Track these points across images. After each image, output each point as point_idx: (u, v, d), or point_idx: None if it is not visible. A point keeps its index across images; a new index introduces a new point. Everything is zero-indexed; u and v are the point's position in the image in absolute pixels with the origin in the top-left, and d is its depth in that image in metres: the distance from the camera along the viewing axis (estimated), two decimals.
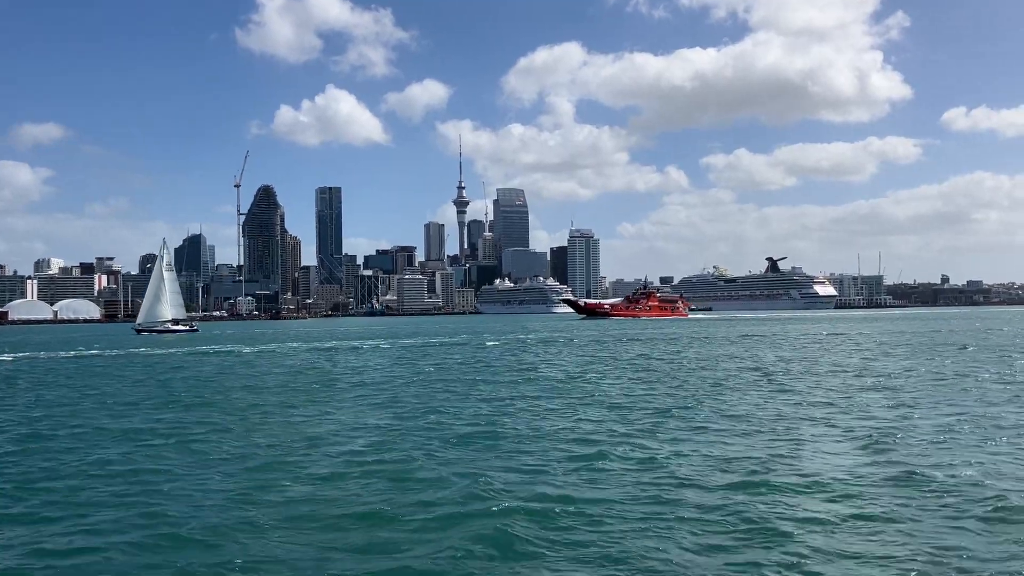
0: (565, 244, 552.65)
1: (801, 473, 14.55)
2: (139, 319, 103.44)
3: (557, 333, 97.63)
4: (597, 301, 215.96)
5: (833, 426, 19.89)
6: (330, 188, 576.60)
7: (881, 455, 16.02)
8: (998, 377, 31.77)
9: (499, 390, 30.12)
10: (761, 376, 34.10)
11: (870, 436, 18.08)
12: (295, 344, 77.59)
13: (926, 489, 13.17)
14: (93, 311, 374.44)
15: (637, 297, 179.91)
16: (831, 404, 24.15)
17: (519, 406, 25.08)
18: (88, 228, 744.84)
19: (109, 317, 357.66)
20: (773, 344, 64.00)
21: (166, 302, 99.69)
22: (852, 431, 18.93)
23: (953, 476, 13.98)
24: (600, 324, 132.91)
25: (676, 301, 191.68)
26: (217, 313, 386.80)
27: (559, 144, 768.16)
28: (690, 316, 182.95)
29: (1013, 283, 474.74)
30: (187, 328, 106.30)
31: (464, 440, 18.74)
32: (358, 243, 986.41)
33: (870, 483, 13.70)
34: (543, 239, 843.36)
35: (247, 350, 66.40)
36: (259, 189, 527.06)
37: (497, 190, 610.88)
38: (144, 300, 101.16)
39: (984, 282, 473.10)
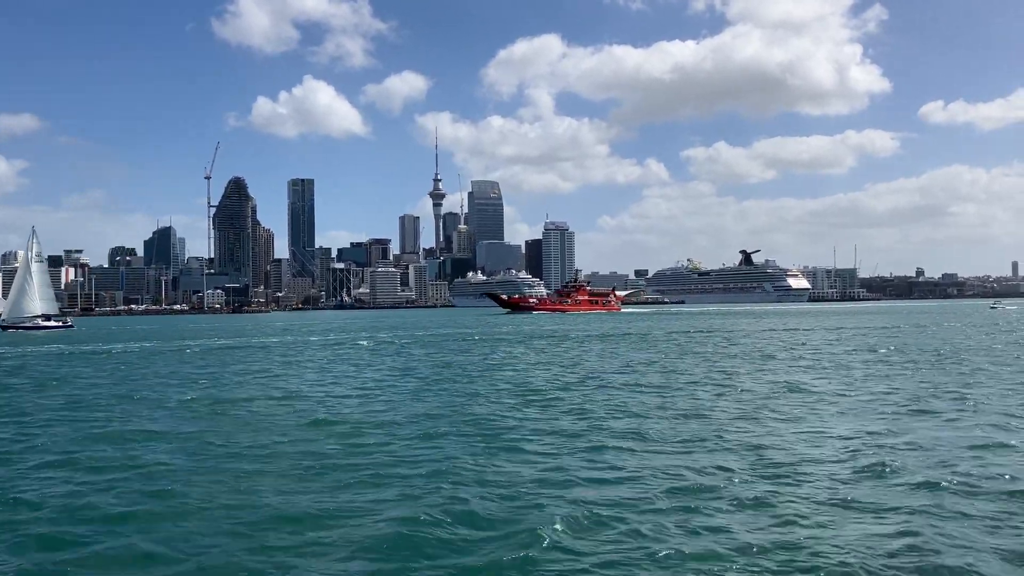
0: (540, 237, 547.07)
1: None
2: (3, 315, 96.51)
3: (443, 330, 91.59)
4: (522, 295, 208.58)
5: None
6: (303, 180, 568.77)
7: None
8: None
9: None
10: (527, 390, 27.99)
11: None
12: (140, 344, 71.13)
13: None
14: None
15: (568, 290, 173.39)
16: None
17: None
18: (65, 220, 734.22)
19: (65, 312, 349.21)
20: (658, 343, 57.99)
21: (34, 296, 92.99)
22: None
23: None
24: (516, 320, 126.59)
25: (608, 294, 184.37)
26: (178, 306, 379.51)
27: (539, 137, 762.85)
28: (623, 310, 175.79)
29: (988, 276, 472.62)
30: (59, 324, 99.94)
31: None
32: (337, 236, 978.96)
33: None
34: (523, 232, 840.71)
35: (58, 350, 59.90)
36: (229, 181, 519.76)
37: (472, 182, 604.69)
38: (9, 294, 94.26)
39: (959, 275, 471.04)
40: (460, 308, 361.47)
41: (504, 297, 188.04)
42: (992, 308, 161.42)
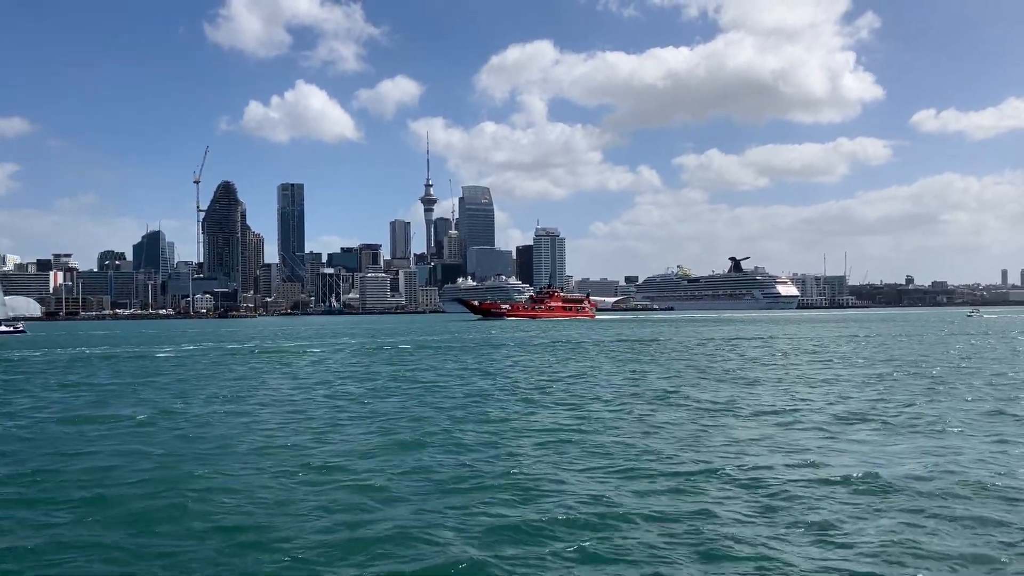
0: (531, 243, 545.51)
1: None
2: None
3: (409, 336, 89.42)
4: (493, 301, 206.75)
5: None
6: (292, 185, 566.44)
7: None
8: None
9: None
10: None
11: None
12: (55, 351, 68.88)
13: None
14: (34, 309, 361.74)
15: (541, 297, 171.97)
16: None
17: None
18: (55, 224, 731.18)
19: (50, 315, 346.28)
20: (608, 352, 55.92)
21: None
22: None
23: None
24: (484, 326, 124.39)
25: (582, 301, 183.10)
26: (164, 311, 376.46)
27: (531, 143, 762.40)
28: (597, 317, 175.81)
29: (978, 284, 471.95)
30: (11, 329, 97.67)
31: None
32: (328, 241, 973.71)
33: None
34: (516, 238, 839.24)
35: None
36: (219, 185, 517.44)
37: (463, 188, 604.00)
38: None
39: (949, 283, 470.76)
40: (450, 314, 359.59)
41: (475, 303, 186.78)
42: (969, 316, 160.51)
